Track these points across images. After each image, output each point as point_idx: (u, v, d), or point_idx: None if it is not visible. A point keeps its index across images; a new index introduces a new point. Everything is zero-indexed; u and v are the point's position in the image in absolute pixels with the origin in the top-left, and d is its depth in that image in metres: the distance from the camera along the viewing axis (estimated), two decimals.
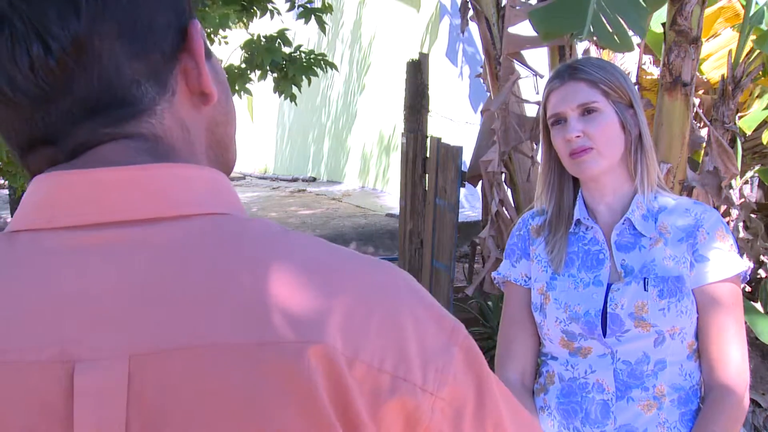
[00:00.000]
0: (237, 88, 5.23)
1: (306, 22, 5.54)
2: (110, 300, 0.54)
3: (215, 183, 0.61)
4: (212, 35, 6.22)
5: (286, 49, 5.41)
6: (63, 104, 0.57)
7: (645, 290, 1.47)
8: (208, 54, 0.65)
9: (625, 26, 2.52)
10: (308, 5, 5.63)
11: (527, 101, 3.67)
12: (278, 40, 5.32)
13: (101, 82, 0.57)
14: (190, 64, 0.62)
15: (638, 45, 3.46)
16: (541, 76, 3.40)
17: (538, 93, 2.93)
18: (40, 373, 0.53)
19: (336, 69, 5.78)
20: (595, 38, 2.53)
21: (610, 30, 2.50)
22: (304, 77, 5.43)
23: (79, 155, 0.59)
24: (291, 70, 5.25)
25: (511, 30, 3.45)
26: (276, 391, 0.52)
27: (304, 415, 0.52)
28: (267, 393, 0.52)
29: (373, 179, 12.14)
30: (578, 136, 1.48)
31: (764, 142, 3.54)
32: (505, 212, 3.76)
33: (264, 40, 5.34)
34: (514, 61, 3.49)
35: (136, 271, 0.55)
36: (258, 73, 5.31)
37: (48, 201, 0.57)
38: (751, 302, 3.65)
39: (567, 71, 1.53)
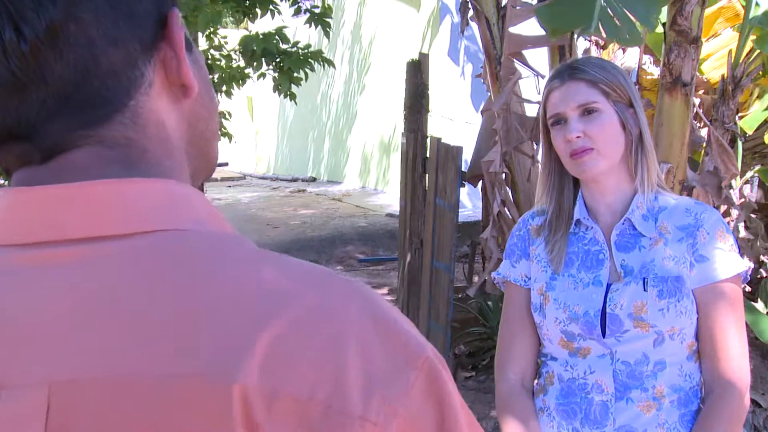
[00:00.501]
0: (234, 82, 5.27)
1: (313, 26, 5.57)
2: (42, 324, 0.52)
3: (172, 197, 0.58)
4: (212, 35, 6.23)
5: (284, 46, 5.45)
6: (37, 93, 0.55)
7: (644, 290, 1.47)
8: (189, 46, 0.62)
9: (633, 20, 2.51)
10: (314, 9, 5.67)
11: (528, 101, 3.66)
12: (276, 36, 5.36)
13: (77, 70, 0.55)
14: (170, 54, 0.60)
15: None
16: (542, 76, 3.40)
17: (539, 93, 2.93)
18: None
19: (333, 66, 5.80)
20: (603, 33, 2.52)
21: (618, 24, 2.49)
22: (301, 72, 5.46)
23: (50, 159, 0.57)
24: (287, 62, 5.30)
25: (512, 30, 3.45)
26: (194, 430, 0.50)
27: None
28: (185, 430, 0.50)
29: (373, 179, 12.14)
30: (579, 137, 1.48)
31: (766, 142, 3.54)
32: (507, 212, 3.75)
33: (262, 36, 5.38)
34: (515, 60, 3.49)
35: (69, 293, 0.53)
36: (254, 65, 5.36)
37: (2, 217, 0.56)
38: (751, 302, 3.64)
39: (567, 71, 1.53)
